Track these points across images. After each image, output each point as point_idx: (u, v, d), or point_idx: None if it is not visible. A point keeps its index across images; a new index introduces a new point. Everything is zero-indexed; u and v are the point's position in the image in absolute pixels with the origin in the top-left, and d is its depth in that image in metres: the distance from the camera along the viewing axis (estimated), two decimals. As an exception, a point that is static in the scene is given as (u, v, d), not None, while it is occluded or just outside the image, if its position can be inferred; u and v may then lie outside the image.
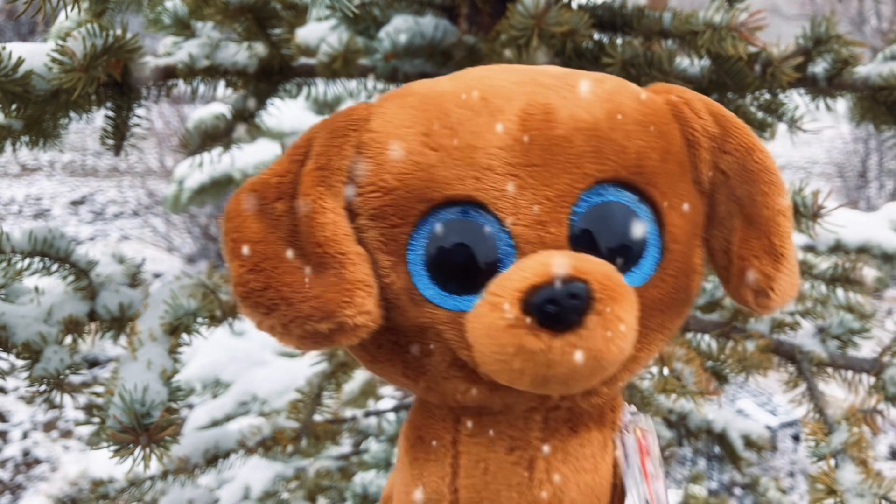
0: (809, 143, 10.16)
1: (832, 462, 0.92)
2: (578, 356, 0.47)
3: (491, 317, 0.48)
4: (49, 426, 4.00)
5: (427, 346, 0.54)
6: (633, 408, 0.62)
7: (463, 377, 0.54)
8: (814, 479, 0.89)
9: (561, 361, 0.47)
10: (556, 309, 0.46)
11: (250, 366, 2.05)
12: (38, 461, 3.74)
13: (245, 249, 0.52)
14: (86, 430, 3.86)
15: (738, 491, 3.42)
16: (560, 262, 0.48)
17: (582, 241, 0.53)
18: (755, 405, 3.75)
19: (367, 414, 1.50)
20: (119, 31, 0.90)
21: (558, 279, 0.47)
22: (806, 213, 0.94)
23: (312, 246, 0.52)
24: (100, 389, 0.84)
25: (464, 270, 0.52)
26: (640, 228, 0.54)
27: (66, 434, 3.95)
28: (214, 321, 0.99)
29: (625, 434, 0.59)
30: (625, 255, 0.54)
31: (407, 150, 0.53)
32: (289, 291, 0.51)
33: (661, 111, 0.57)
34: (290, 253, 0.52)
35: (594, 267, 0.48)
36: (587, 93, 0.55)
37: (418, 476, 0.59)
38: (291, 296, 0.51)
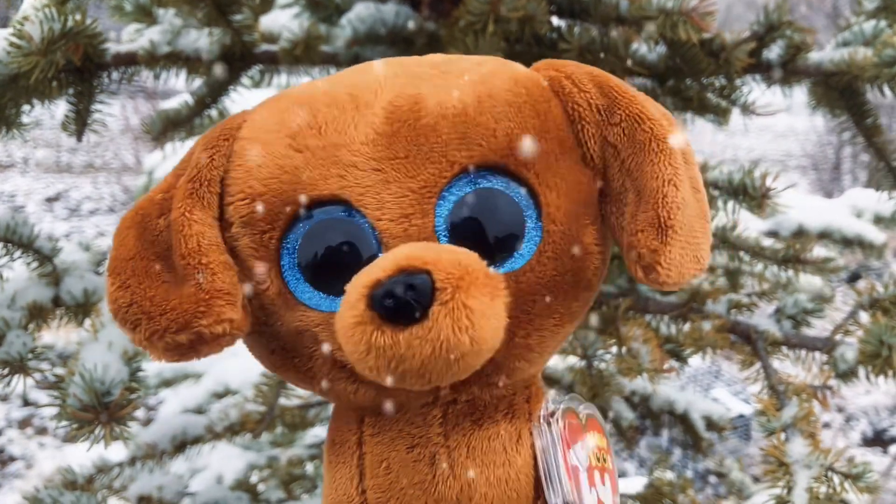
0: (785, 136, 10.27)
1: (782, 436, 0.94)
2: (427, 349, 0.46)
3: (344, 315, 0.47)
4: (24, 423, 3.98)
5: (308, 349, 0.54)
6: (574, 396, 0.60)
7: (347, 377, 0.54)
8: (765, 452, 0.92)
9: (409, 356, 0.46)
10: (394, 302, 0.45)
11: (222, 357, 2.05)
12: (12, 459, 3.72)
13: (117, 267, 0.53)
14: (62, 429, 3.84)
15: (712, 479, 3.46)
16: (405, 254, 0.47)
17: (455, 230, 0.52)
18: (729, 394, 3.79)
19: (336, 400, 1.51)
20: (78, 16, 0.90)
21: (401, 271, 0.46)
22: (755, 195, 0.96)
23: (178, 258, 0.52)
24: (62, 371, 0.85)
25: (336, 270, 0.52)
26: (514, 212, 0.53)
27: (41, 431, 3.93)
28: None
29: (542, 426, 0.57)
30: (501, 240, 0.53)
31: (272, 153, 0.53)
32: (149, 306, 0.51)
33: (538, 89, 0.55)
34: (158, 267, 0.53)
35: (443, 256, 0.47)
36: (460, 78, 0.54)
37: (332, 479, 0.58)
38: (151, 310, 0.51)
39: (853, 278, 4.89)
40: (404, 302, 0.46)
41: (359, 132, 0.52)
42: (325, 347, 0.53)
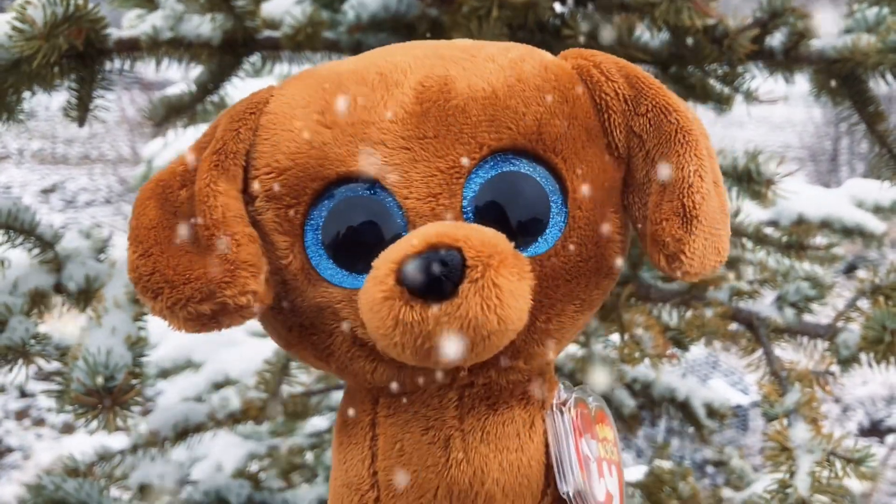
0: (782, 127, 10.26)
1: (785, 421, 0.95)
2: (454, 326, 0.46)
3: (371, 291, 0.47)
4: (21, 414, 3.98)
5: (328, 326, 0.54)
6: (583, 387, 0.61)
7: (366, 356, 0.54)
8: (768, 437, 0.92)
9: (437, 332, 0.46)
10: (425, 278, 0.46)
11: (222, 346, 2.05)
12: (10, 450, 3.71)
13: (139, 236, 0.53)
14: (59, 418, 3.85)
15: (710, 469, 3.47)
16: (434, 231, 0.48)
17: (481, 212, 0.52)
18: (727, 384, 3.79)
19: (339, 387, 1.51)
20: (80, 1, 0.90)
21: (431, 248, 0.46)
22: (759, 181, 0.96)
23: (202, 229, 0.52)
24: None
25: (359, 248, 0.52)
26: (540, 196, 0.53)
27: (39, 422, 3.93)
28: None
29: (555, 413, 0.57)
30: (526, 223, 0.53)
31: (300, 128, 0.53)
32: (172, 274, 0.52)
33: (567, 76, 0.56)
34: (181, 237, 0.53)
35: (472, 234, 0.47)
36: (489, 62, 0.55)
37: (343, 460, 0.58)
38: (175, 278, 0.51)
39: (849, 269, 4.89)
40: (435, 278, 0.46)
41: (388, 110, 0.53)
42: (346, 324, 0.53)
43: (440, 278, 0.46)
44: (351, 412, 0.58)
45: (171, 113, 1.15)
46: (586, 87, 0.56)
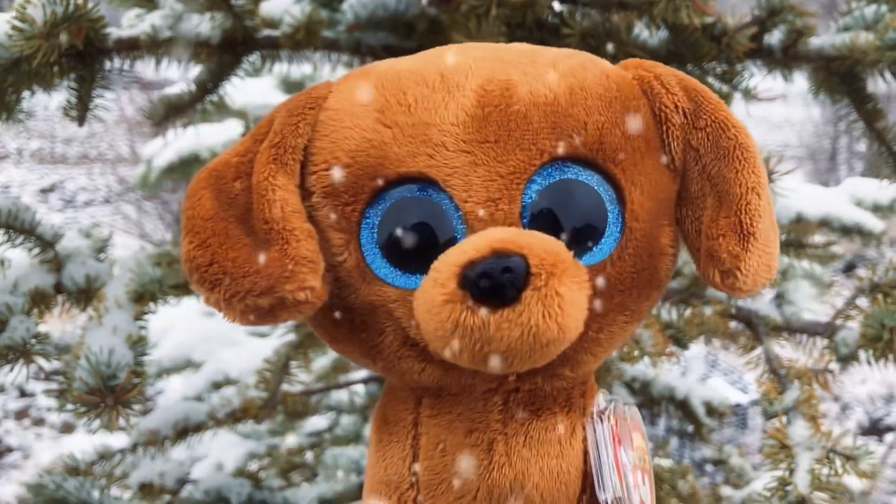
0: (781, 127, 10.27)
1: (784, 419, 0.95)
2: (515, 332, 0.46)
3: (431, 293, 0.47)
4: (21, 414, 3.98)
5: (380, 324, 0.54)
6: (617, 397, 0.61)
7: (416, 356, 0.54)
8: (767, 434, 0.93)
9: (497, 338, 0.46)
10: (490, 283, 0.46)
11: (222, 346, 2.05)
12: (10, 449, 3.72)
13: (196, 226, 0.53)
14: (58, 417, 3.86)
15: (709, 468, 3.47)
16: (499, 237, 0.48)
17: (538, 218, 0.52)
18: (726, 383, 3.80)
19: (338, 386, 1.51)
20: (80, 0, 0.90)
21: (495, 253, 0.46)
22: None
23: (260, 223, 0.52)
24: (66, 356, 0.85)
25: (415, 248, 0.52)
26: (598, 206, 0.53)
27: (39, 422, 3.93)
28: (182, 290, 1.00)
29: (596, 421, 0.57)
30: (583, 232, 0.53)
31: (359, 126, 0.53)
32: (231, 267, 0.51)
33: (628, 86, 0.56)
34: (239, 230, 0.53)
35: (535, 241, 0.47)
36: (550, 68, 0.55)
37: (382, 457, 0.58)
38: (234, 271, 0.51)
39: (848, 268, 4.90)
40: (500, 284, 0.46)
41: (449, 113, 0.52)
42: (401, 324, 0.53)
43: (504, 284, 0.46)
44: (392, 411, 0.58)
45: (171, 112, 1.15)
46: (646, 98, 0.56)
